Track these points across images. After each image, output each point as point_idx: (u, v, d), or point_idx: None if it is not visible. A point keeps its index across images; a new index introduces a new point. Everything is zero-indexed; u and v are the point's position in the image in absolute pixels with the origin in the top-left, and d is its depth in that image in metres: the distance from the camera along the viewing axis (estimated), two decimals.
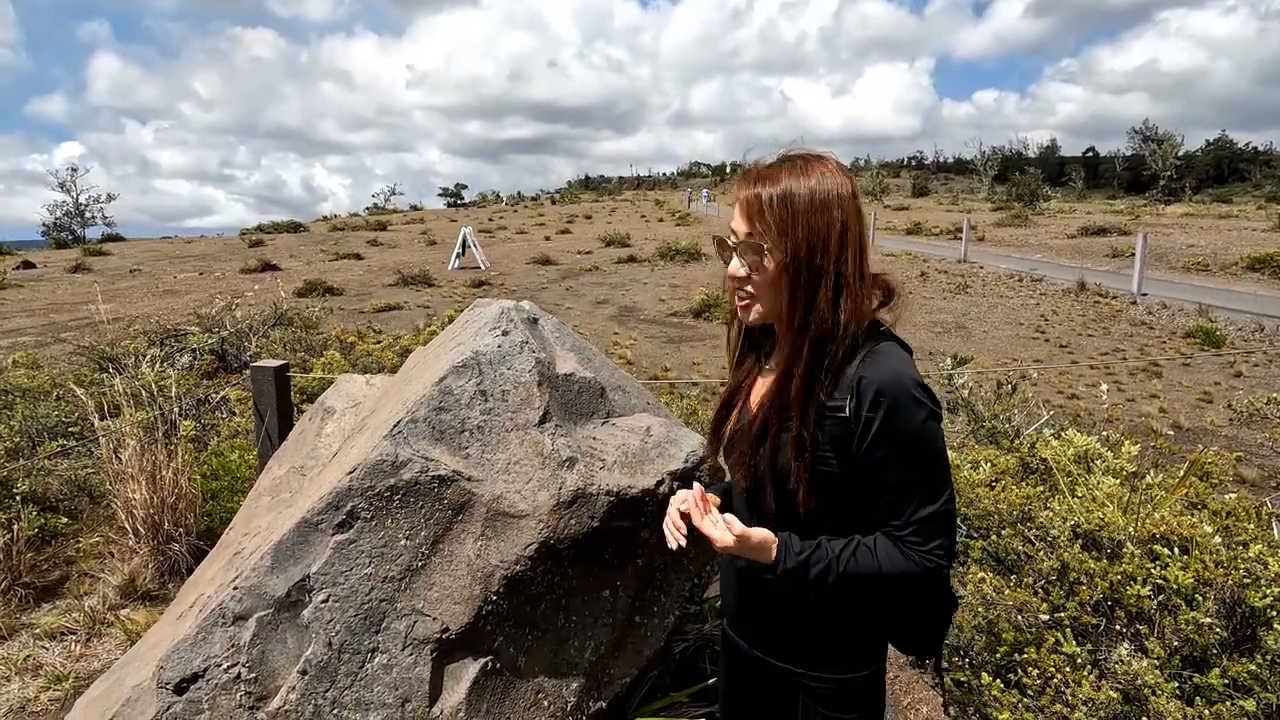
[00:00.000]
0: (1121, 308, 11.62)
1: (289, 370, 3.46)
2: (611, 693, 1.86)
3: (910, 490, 1.07)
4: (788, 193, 1.07)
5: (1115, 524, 2.06)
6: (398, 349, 5.67)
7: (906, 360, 1.10)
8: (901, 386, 1.05)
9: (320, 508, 1.58)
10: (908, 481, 1.07)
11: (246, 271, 17.25)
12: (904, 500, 1.07)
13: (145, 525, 3.24)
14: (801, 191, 1.07)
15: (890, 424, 1.05)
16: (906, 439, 1.05)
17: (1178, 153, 50.96)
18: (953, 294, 13.49)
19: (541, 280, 15.36)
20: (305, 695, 1.51)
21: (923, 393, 1.06)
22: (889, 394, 1.04)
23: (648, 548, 1.85)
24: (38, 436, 4.53)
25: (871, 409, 1.05)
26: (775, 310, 1.13)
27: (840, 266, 1.08)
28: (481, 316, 2.03)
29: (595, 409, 1.97)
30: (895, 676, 2.63)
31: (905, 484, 1.07)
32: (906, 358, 1.11)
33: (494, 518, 1.65)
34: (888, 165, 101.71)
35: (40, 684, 2.59)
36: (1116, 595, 1.91)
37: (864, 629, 1.19)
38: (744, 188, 1.12)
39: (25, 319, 11.26)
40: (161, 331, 7.45)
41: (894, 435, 1.05)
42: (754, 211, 1.10)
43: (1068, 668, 1.72)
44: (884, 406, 1.04)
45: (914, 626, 1.21)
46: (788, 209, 1.07)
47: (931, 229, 26.65)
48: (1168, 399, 7.05)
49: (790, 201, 1.07)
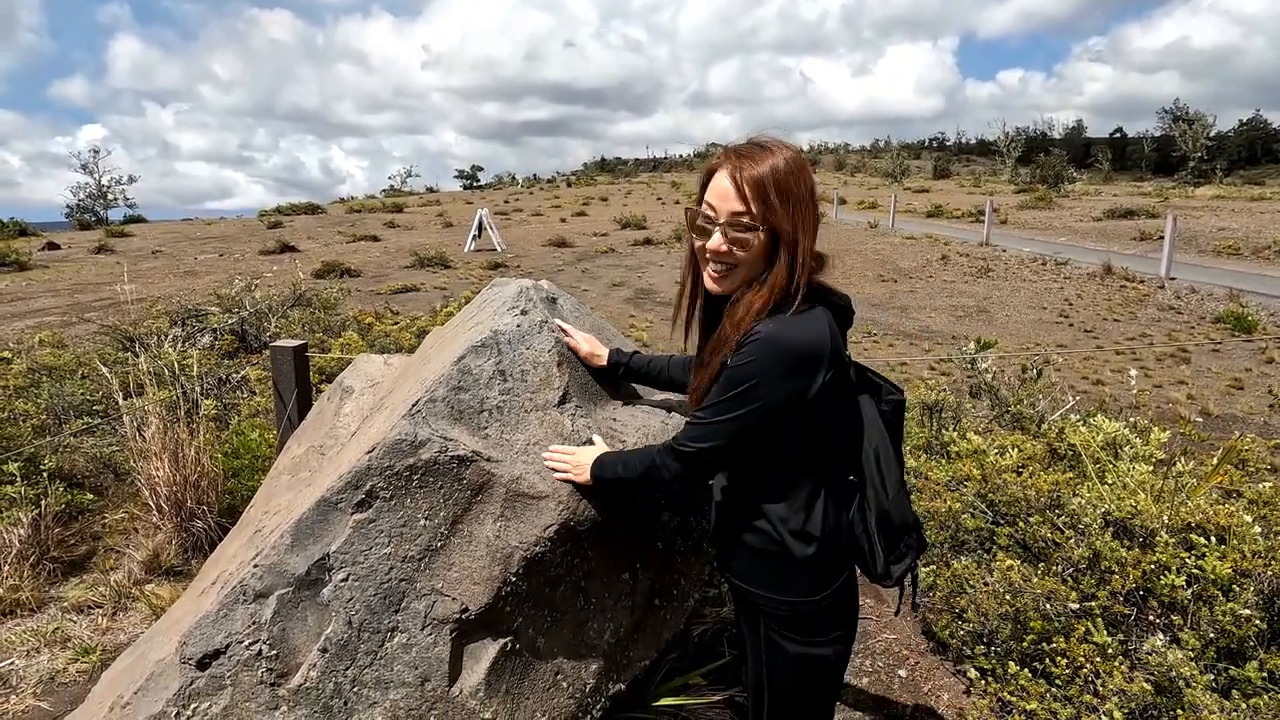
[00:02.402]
0: (1149, 292, 11.37)
1: (308, 350, 3.46)
2: (630, 675, 1.85)
3: (708, 402, 1.25)
4: (775, 172, 1.18)
5: (1148, 512, 2.01)
6: (415, 330, 5.68)
7: (808, 325, 1.20)
8: (780, 346, 1.17)
9: (340, 487, 1.57)
10: (715, 397, 1.23)
11: (265, 253, 17.38)
12: (700, 408, 1.27)
13: (169, 502, 3.28)
14: (785, 171, 1.19)
15: (740, 361, 1.19)
16: (738, 373, 1.19)
17: (1209, 133, 49.55)
18: (974, 277, 13.27)
19: (557, 262, 15.33)
20: (326, 673, 1.51)
21: (793, 358, 1.17)
22: (764, 347, 1.17)
23: (668, 531, 1.83)
24: (64, 414, 4.60)
25: (743, 350, 1.19)
26: (747, 281, 1.24)
27: (811, 240, 1.22)
28: (500, 296, 2.00)
29: (615, 390, 1.94)
30: (916, 663, 2.60)
31: (711, 396, 1.24)
32: (810, 323, 1.20)
33: (513, 499, 1.63)
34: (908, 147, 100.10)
35: (68, 656, 2.64)
36: (1149, 585, 1.86)
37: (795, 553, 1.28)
38: (735, 169, 1.21)
39: (50, 299, 11.44)
40: (183, 311, 7.52)
41: (734, 368, 1.20)
42: (745, 191, 1.19)
43: (1098, 658, 1.68)
44: (747, 348, 1.18)
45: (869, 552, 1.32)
46: (778, 187, 1.18)
47: (953, 211, 26.21)
48: (1196, 385, 6.89)
49: (778, 180, 1.18)
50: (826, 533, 1.28)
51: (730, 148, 1.25)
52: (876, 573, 1.33)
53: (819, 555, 1.28)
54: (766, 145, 1.22)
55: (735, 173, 1.20)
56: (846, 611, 1.37)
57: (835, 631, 1.34)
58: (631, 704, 2.02)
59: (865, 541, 1.32)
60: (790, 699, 1.38)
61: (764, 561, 1.31)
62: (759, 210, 1.18)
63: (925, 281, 13.09)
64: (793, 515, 1.28)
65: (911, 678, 2.54)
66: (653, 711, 2.07)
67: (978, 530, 2.29)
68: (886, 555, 1.32)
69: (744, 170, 1.19)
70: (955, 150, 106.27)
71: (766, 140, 1.24)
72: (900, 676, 2.55)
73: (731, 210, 1.20)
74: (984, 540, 2.29)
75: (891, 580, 1.34)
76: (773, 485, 1.29)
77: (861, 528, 1.32)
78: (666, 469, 1.33)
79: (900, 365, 7.76)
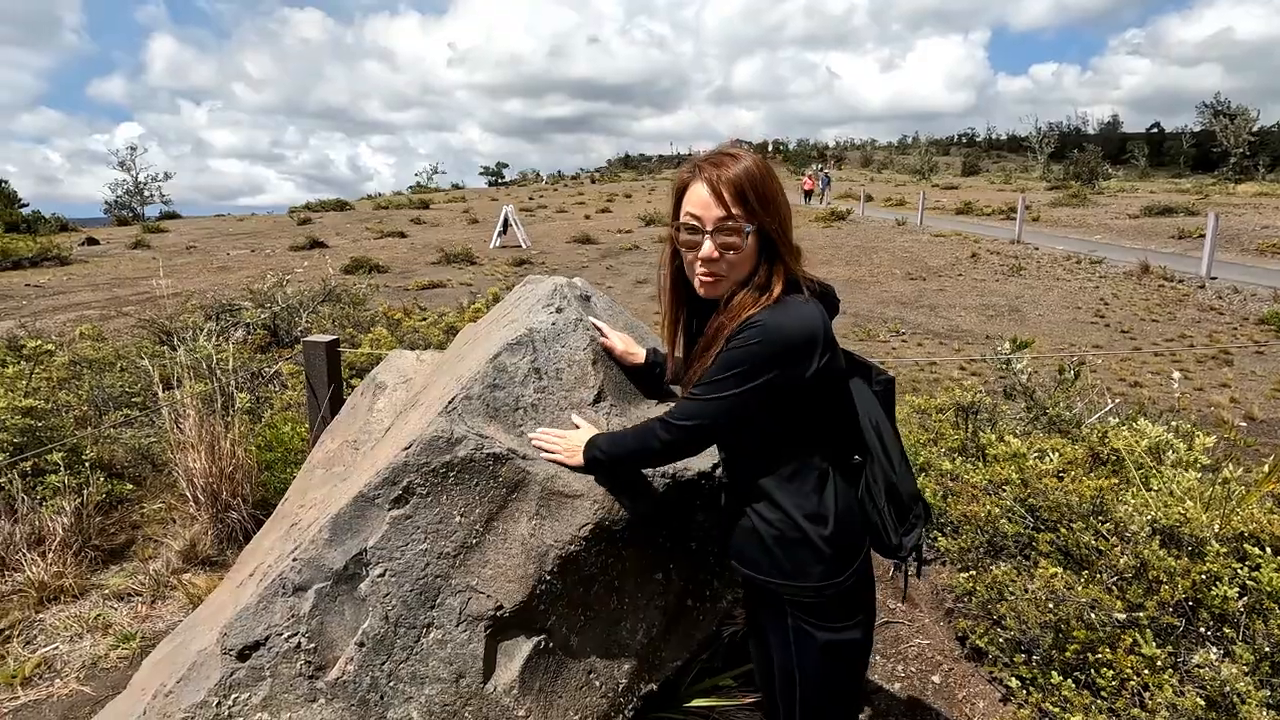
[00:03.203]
0: (1189, 292, 11.05)
1: (339, 345, 3.50)
2: (663, 675, 1.84)
3: (704, 380, 1.27)
4: (749, 174, 1.23)
5: (1198, 520, 1.94)
6: (443, 326, 5.72)
7: (803, 313, 1.23)
8: (777, 333, 1.20)
9: (377, 483, 1.58)
10: (711, 375, 1.25)
11: (295, 249, 17.68)
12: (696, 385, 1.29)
13: (205, 493, 3.34)
14: (757, 173, 1.24)
15: (738, 344, 1.22)
16: (737, 354, 1.22)
17: (1252, 128, 48.00)
18: (1005, 276, 13.02)
19: (582, 259, 15.35)
20: (363, 667, 1.53)
21: (788, 344, 1.20)
22: (762, 333, 1.20)
23: (703, 531, 1.81)
24: (103, 406, 4.72)
25: (741, 335, 1.22)
26: (738, 282, 1.28)
27: (788, 236, 1.27)
28: (534, 293, 2.00)
29: (650, 389, 1.92)
30: (949, 670, 2.56)
31: (707, 376, 1.26)
32: (804, 311, 1.24)
33: (548, 497, 1.62)
34: (936, 143, 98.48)
35: (109, 642, 2.71)
36: (1199, 596, 1.80)
37: (813, 536, 1.29)
38: (707, 177, 1.25)
39: (90, 293, 11.75)
40: (217, 306, 7.67)
41: (731, 349, 1.23)
42: (725, 195, 1.23)
43: (1146, 670, 1.63)
44: (745, 333, 1.21)
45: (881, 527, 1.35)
46: (759, 190, 1.23)
47: (983, 208, 25.75)
48: (1240, 389, 6.68)
49: (758, 184, 1.23)
50: (840, 512, 1.31)
51: (696, 160, 1.30)
52: (890, 544, 1.36)
53: (836, 536, 1.30)
54: (730, 152, 1.28)
55: (713, 180, 1.24)
56: (867, 593, 1.39)
57: (859, 614, 1.37)
58: (662, 704, 2.01)
59: (876, 516, 1.35)
60: (822, 686, 1.39)
61: (783, 549, 1.32)
62: (743, 211, 1.23)
63: (955, 280, 12.87)
64: (805, 499, 1.30)
65: (945, 684, 2.50)
66: (683, 712, 2.06)
67: (1016, 536, 2.24)
68: (898, 527, 1.35)
69: (721, 175, 1.23)
70: (985, 146, 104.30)
71: (728, 148, 1.29)
72: (934, 683, 2.50)
73: (717, 216, 1.24)
74: (1023, 546, 2.24)
75: (904, 551, 1.37)
76: (781, 472, 1.32)
77: (871, 504, 1.35)
78: (658, 439, 1.36)
79: (930, 365, 7.64)
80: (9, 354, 5.36)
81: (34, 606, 2.88)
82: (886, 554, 1.39)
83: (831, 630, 1.34)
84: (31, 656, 2.61)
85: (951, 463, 2.69)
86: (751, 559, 1.38)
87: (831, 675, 1.39)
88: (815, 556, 1.30)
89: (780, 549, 1.33)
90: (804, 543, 1.30)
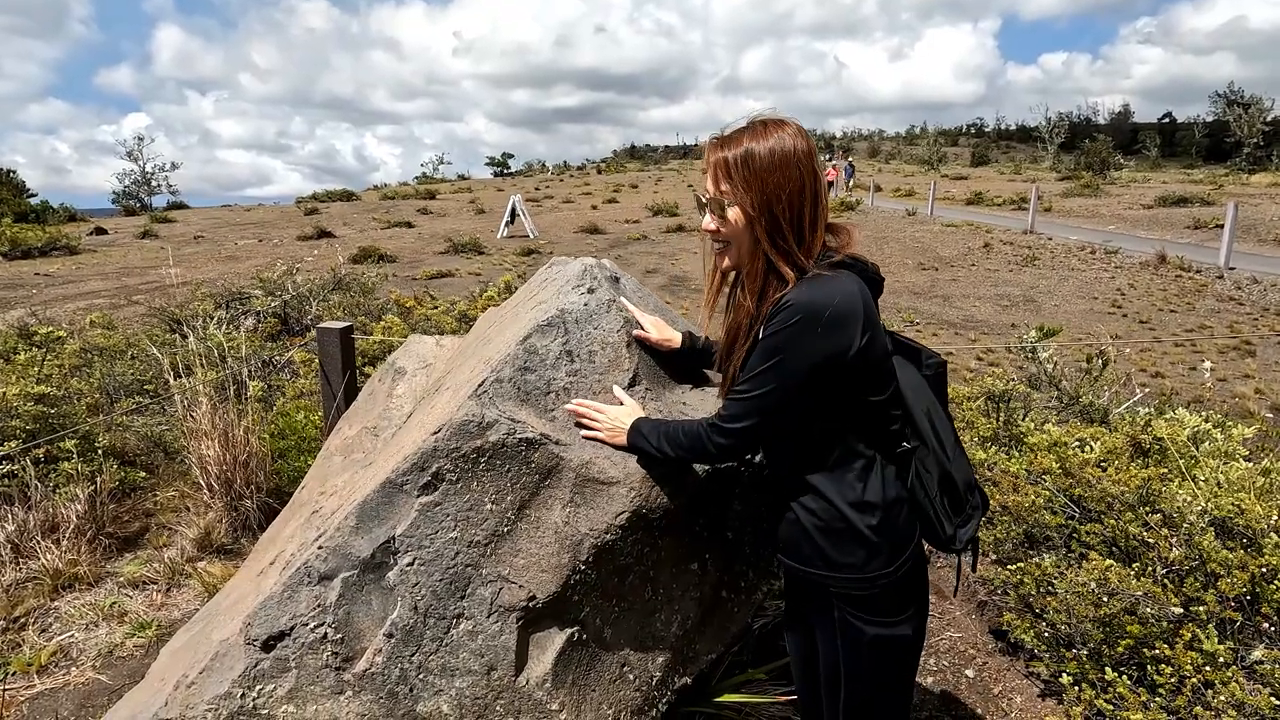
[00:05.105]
0: (1207, 282, 10.89)
1: (353, 332, 3.44)
2: (696, 668, 1.77)
3: (747, 375, 1.23)
4: (748, 153, 1.21)
5: (1253, 512, 1.86)
6: (455, 314, 5.66)
7: (836, 288, 1.18)
8: (811, 309, 1.16)
9: (405, 469, 1.51)
10: (752, 369, 1.22)
11: (303, 238, 17.64)
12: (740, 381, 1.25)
13: (218, 481, 3.30)
14: (761, 151, 1.21)
15: (772, 330, 1.19)
16: (774, 339, 1.19)
17: (1266, 118, 47.34)
18: (1019, 266, 12.87)
19: (590, 249, 15.25)
20: (391, 658, 1.47)
21: (826, 319, 1.16)
22: (796, 312, 1.16)
23: (739, 520, 1.74)
24: (115, 394, 4.68)
25: (775, 320, 1.19)
26: (743, 256, 1.28)
27: (798, 215, 1.22)
28: (563, 274, 1.93)
29: (682, 373, 1.85)
30: (984, 664, 2.49)
31: (749, 369, 1.23)
32: (838, 286, 1.19)
33: (583, 484, 1.56)
34: (945, 133, 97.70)
35: (125, 630, 2.67)
36: (1256, 590, 1.73)
37: (859, 526, 1.24)
38: (711, 153, 1.27)
39: (99, 282, 11.74)
40: (227, 295, 7.63)
41: (767, 338, 1.20)
42: (719, 173, 1.24)
43: (1208, 666, 1.56)
44: (779, 316, 1.18)
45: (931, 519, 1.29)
46: (748, 167, 1.21)
47: (993, 199, 25.49)
48: (1264, 379, 6.57)
49: (750, 161, 1.21)
50: (888, 501, 1.25)
51: (721, 130, 1.30)
52: (944, 537, 1.30)
53: (884, 525, 1.25)
54: (753, 124, 1.26)
55: (710, 155, 1.27)
56: (919, 586, 1.33)
57: (911, 608, 1.30)
58: (695, 698, 1.95)
59: (929, 507, 1.29)
60: (870, 684, 1.33)
61: (828, 540, 1.27)
62: (726, 188, 1.24)
63: (967, 270, 12.73)
64: (849, 487, 1.25)
65: (980, 678, 2.43)
66: (715, 707, 2.00)
67: (1058, 527, 2.16)
68: (954, 518, 1.30)
69: (715, 153, 1.26)
70: (994, 136, 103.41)
71: (758, 118, 1.27)
72: (968, 676, 2.44)
73: (709, 192, 1.28)
74: (1066, 537, 2.16)
75: (959, 544, 1.31)
76: (825, 459, 1.26)
77: (923, 493, 1.29)
78: (714, 444, 1.32)
79: (946, 355, 7.55)
80: (20, 341, 5.33)
81: (49, 594, 2.85)
82: (940, 546, 1.34)
83: (881, 625, 1.28)
84: (47, 644, 2.57)
85: (985, 452, 2.61)
86: (796, 550, 1.33)
87: (880, 672, 1.33)
88: (863, 546, 1.25)
89: (825, 539, 1.27)
90: (850, 532, 1.25)
